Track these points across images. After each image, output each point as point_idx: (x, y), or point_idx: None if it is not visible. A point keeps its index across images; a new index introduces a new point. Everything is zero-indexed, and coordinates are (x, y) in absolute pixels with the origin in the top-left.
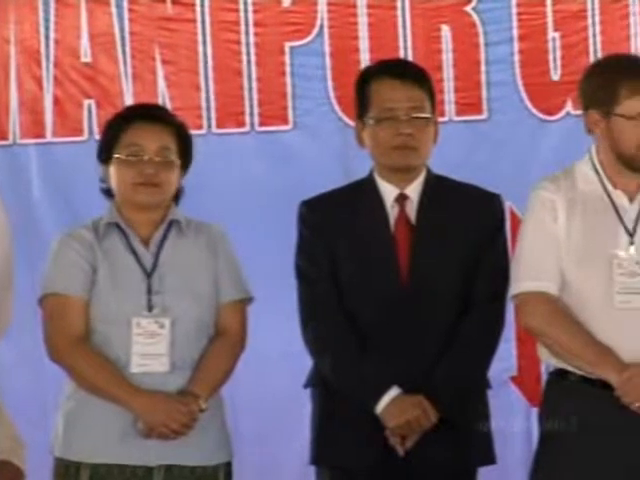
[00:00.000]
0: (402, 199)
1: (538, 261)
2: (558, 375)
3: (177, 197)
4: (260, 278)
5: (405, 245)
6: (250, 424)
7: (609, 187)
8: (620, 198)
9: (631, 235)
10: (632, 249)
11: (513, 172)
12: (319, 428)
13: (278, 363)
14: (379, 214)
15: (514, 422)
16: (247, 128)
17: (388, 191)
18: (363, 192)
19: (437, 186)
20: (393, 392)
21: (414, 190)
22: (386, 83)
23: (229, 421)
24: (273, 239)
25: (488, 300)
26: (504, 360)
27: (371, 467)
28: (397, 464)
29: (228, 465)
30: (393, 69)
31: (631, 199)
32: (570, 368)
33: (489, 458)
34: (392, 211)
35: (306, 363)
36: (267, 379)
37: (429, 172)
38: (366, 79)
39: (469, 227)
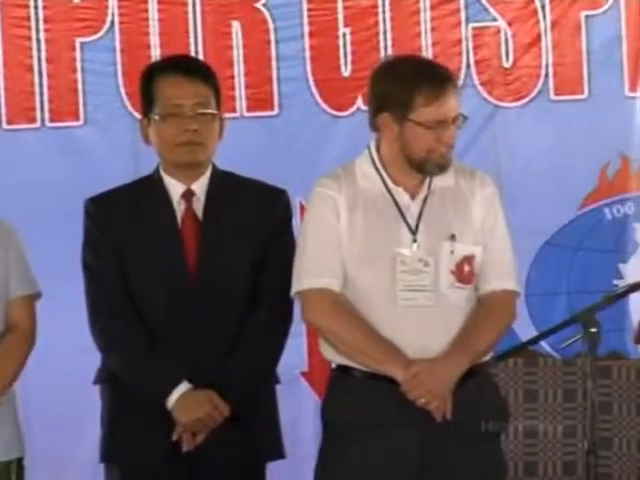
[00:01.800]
0: (189, 195)
1: (320, 258)
2: (342, 371)
3: None
4: (52, 274)
5: (192, 242)
6: (42, 420)
7: (390, 184)
8: (401, 195)
9: (413, 233)
10: (415, 247)
11: (304, 167)
12: (108, 425)
13: (69, 359)
14: (165, 211)
15: (304, 417)
16: (38, 124)
17: (174, 187)
18: (149, 188)
19: (224, 182)
20: (183, 387)
21: (200, 186)
22: (171, 79)
23: (21, 417)
24: (64, 235)
25: (276, 296)
26: (295, 356)
27: (159, 464)
28: (186, 460)
29: (20, 461)
30: (178, 65)
31: (413, 196)
32: (354, 364)
33: (278, 453)
34: (179, 207)
35: (97, 359)
36: (58, 375)
37: (215, 168)
38: (151, 75)
39: (256, 223)
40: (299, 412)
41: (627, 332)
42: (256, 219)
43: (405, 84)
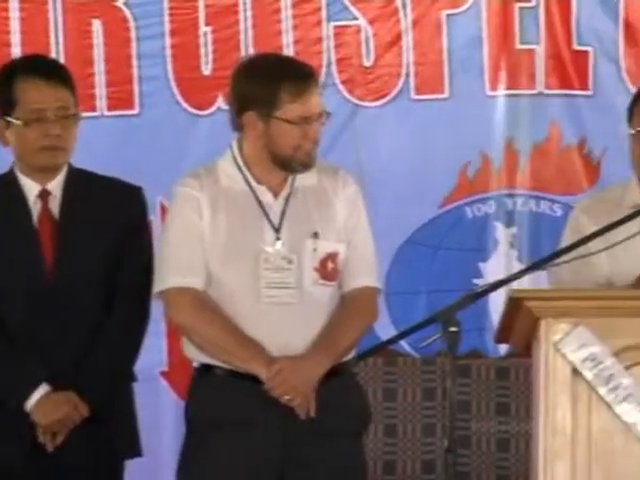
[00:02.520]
0: (45, 195)
1: (183, 257)
2: (205, 370)
3: None
4: None
5: (49, 241)
6: None
7: (253, 183)
8: (264, 194)
9: (277, 231)
10: (278, 244)
11: (165, 166)
12: None
13: None
14: (21, 211)
15: (164, 416)
16: None
17: (30, 187)
18: (3, 188)
19: (80, 180)
20: (42, 389)
21: (57, 185)
22: (33, 83)
23: None
24: None
25: (133, 295)
26: (154, 355)
27: (20, 465)
28: (46, 461)
29: None
30: (38, 69)
31: (276, 195)
32: (217, 363)
33: (135, 451)
34: (35, 207)
35: None
36: None
37: (71, 167)
38: (10, 77)
39: (113, 221)
40: (159, 411)
41: (487, 331)
42: (112, 217)
43: (269, 82)
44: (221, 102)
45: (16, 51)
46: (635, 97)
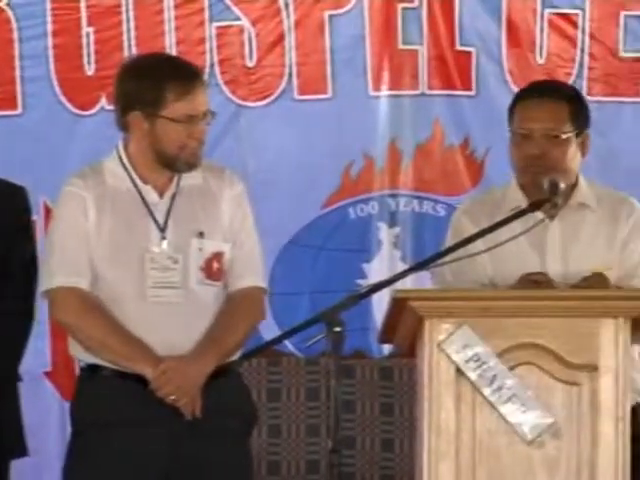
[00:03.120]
0: None
1: (69, 257)
2: (91, 370)
3: None
4: None
5: None
6: None
7: (139, 183)
8: (150, 194)
9: (162, 230)
10: (164, 244)
11: (48, 167)
12: None
13: None
14: None
15: (49, 416)
16: None
17: None
18: None
19: None
20: None
21: None
22: None
23: None
24: None
25: (17, 295)
26: (39, 355)
27: None
28: None
29: None
30: None
31: (161, 194)
32: (103, 363)
33: (21, 451)
34: None
35: None
36: None
37: None
38: None
39: None
40: (43, 411)
41: (371, 331)
42: None
43: (154, 81)
44: (104, 102)
45: None
46: (514, 99)
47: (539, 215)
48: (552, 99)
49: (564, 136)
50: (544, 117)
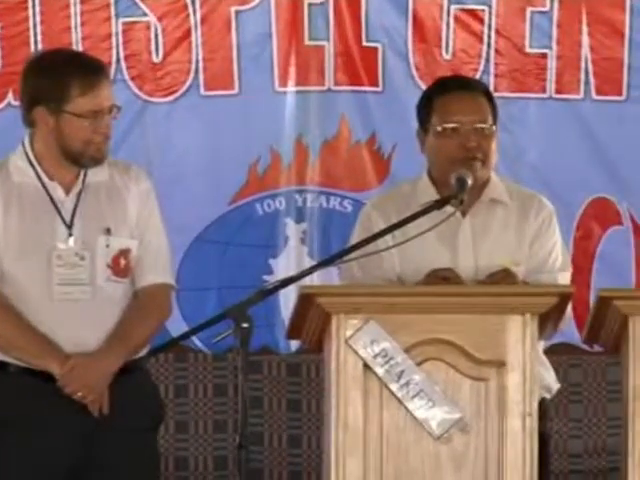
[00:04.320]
0: None
1: None
2: None
3: None
4: None
5: None
6: None
7: (45, 179)
8: (56, 190)
9: (69, 227)
10: (71, 241)
11: None
12: None
13: None
14: None
15: None
16: None
17: None
18: None
19: None
20: None
21: None
22: None
23: None
24: None
25: None
26: None
27: None
28: None
29: None
30: None
31: (67, 191)
32: (10, 360)
33: None
34: None
35: None
36: None
37: None
38: None
39: None
40: None
41: (278, 327)
42: None
43: (59, 76)
44: (11, 98)
45: None
46: (429, 96)
47: (449, 211)
48: (474, 93)
49: (494, 128)
50: (471, 110)
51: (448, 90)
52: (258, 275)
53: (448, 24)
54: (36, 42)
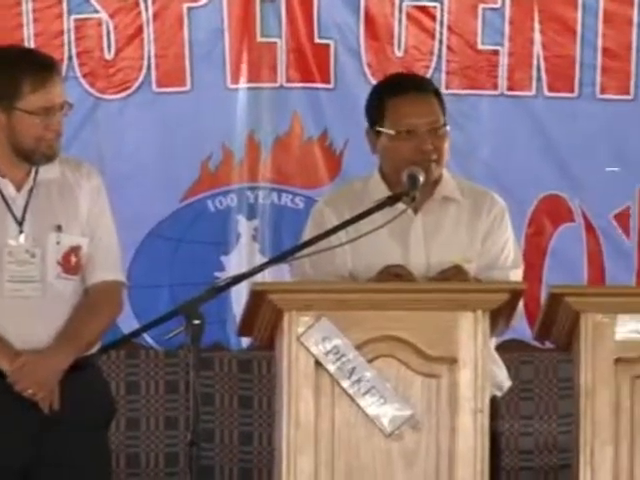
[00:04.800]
0: None
1: None
2: None
3: None
4: None
5: None
6: None
7: None
8: (7, 187)
9: (20, 224)
10: (22, 238)
11: None
12: None
13: None
14: None
15: None
16: None
17: None
18: None
19: None
20: None
21: None
22: None
23: None
24: None
25: None
26: None
27: None
28: None
29: None
30: None
31: (19, 188)
32: None
33: None
34: None
35: None
36: None
37: None
38: None
39: None
40: None
41: (230, 324)
42: None
43: (10, 73)
44: None
45: None
46: (379, 95)
47: (402, 207)
48: (424, 93)
49: (444, 129)
50: (425, 112)
51: (400, 91)
52: (210, 272)
53: (400, 21)
54: None
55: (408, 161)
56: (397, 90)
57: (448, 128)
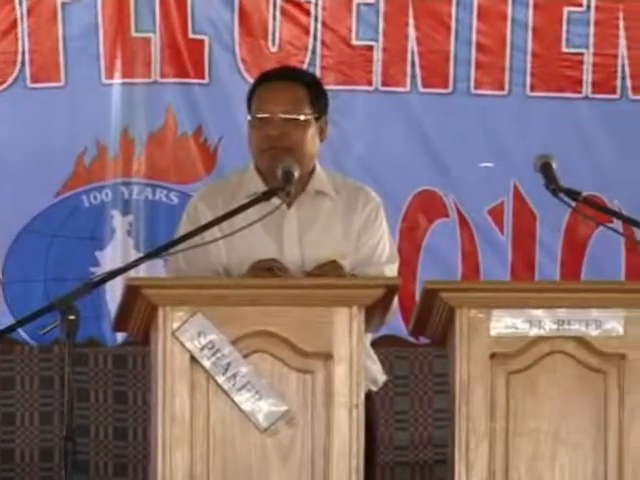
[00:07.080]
0: None
1: None
2: None
3: None
4: None
5: None
6: None
7: None
8: None
9: None
10: None
11: None
12: None
13: None
14: None
15: None
16: None
17: None
18: None
19: None
20: None
21: None
22: None
23: None
24: None
25: None
26: None
27: None
28: None
29: None
30: None
31: None
32: None
33: None
34: None
35: None
36: None
37: None
38: None
39: None
40: None
41: (105, 319)
42: None
43: None
44: None
45: None
46: (254, 86)
47: (276, 202)
48: (289, 82)
49: (302, 118)
50: (282, 100)
51: (266, 80)
52: (85, 267)
53: (275, 16)
54: None
55: (259, 149)
56: (264, 79)
57: (312, 118)
